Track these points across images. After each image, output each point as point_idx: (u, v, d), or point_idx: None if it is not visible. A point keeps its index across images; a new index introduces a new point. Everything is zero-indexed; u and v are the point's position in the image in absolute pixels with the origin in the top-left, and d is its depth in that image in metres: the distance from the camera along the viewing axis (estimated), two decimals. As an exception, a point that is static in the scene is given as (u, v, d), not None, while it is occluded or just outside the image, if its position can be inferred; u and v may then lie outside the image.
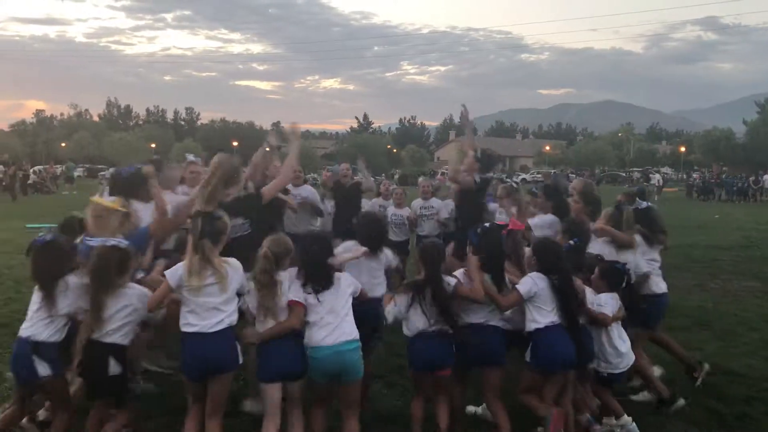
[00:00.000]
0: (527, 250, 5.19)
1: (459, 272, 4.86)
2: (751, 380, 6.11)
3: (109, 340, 4.21)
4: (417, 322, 4.59)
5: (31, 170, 39.60)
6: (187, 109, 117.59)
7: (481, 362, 4.76)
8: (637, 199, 6.89)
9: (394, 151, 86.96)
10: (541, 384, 4.75)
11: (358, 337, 4.39)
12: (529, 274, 4.79)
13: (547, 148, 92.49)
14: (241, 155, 6.49)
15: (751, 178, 40.83)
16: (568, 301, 4.69)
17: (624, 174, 74.05)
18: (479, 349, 4.65)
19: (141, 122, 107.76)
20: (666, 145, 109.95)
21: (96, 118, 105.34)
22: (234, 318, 4.23)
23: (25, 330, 4.31)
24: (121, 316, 4.25)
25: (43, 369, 4.22)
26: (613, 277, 5.11)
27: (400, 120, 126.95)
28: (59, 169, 47.96)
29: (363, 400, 4.82)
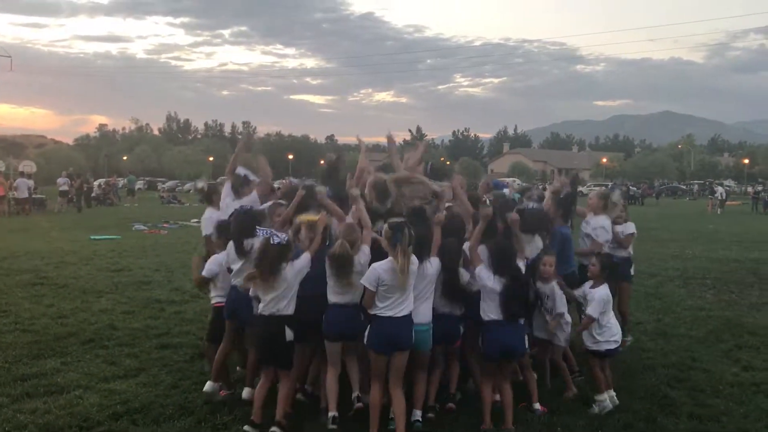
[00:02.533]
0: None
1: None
2: (828, 404, 5.85)
3: (285, 312, 5.02)
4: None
5: (95, 183, 40.86)
6: (243, 123, 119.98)
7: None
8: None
9: (447, 163, 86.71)
10: (494, 371, 5.37)
11: None
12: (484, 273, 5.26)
13: (604, 160, 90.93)
14: (295, 167, 6.75)
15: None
16: (514, 299, 5.18)
17: (684, 186, 72.26)
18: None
19: (199, 136, 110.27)
20: (728, 157, 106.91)
21: (156, 132, 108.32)
22: None
23: None
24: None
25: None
26: (613, 269, 5.96)
27: (454, 132, 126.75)
28: (121, 181, 49.36)
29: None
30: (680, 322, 8.84)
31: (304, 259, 5.12)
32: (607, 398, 5.60)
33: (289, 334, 5.01)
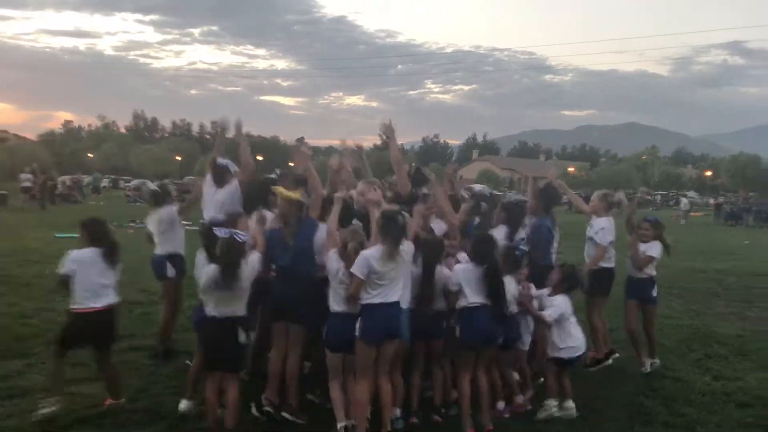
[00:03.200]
0: None
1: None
2: (798, 414, 5.91)
3: (238, 313, 4.89)
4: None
5: (60, 180, 40.09)
6: (212, 122, 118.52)
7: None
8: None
9: (430, 174, 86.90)
10: (472, 361, 5.33)
11: None
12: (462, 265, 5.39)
13: (571, 169, 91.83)
14: (264, 168, 6.73)
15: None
16: (495, 287, 5.24)
17: (649, 197, 73.37)
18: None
19: (167, 135, 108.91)
20: (692, 168, 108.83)
21: (123, 130, 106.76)
22: None
23: None
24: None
25: None
26: (573, 281, 5.79)
27: (424, 138, 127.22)
28: (86, 179, 48.51)
29: None
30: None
31: (255, 258, 5.04)
32: (555, 405, 5.60)
33: (242, 336, 4.92)
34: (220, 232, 4.95)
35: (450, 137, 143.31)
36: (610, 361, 6.94)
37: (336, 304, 5.03)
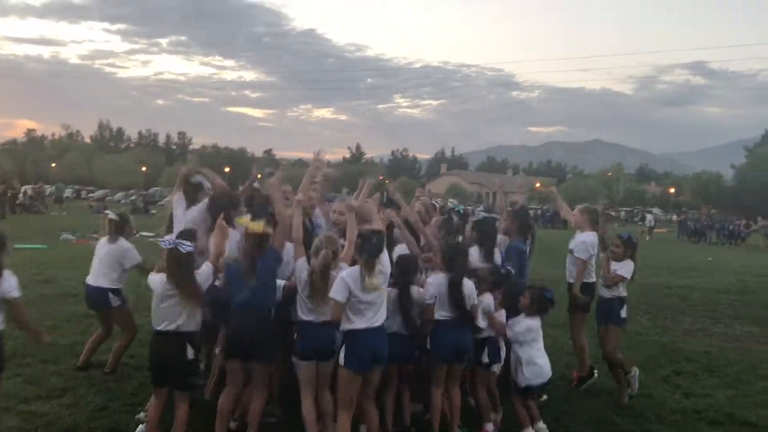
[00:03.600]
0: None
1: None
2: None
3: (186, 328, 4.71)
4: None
5: (21, 190, 39.21)
6: (179, 133, 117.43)
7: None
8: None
9: (387, 182, 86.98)
10: (443, 375, 5.26)
11: None
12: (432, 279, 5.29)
13: (538, 185, 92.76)
14: (231, 180, 6.51)
15: (743, 222, 41.02)
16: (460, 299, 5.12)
17: (613, 213, 74.32)
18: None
19: (132, 145, 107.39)
20: (655, 186, 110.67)
21: (87, 140, 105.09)
22: None
23: None
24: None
25: None
26: (542, 303, 5.61)
27: (393, 152, 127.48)
28: (48, 189, 47.53)
29: None
30: (619, 347, 8.87)
31: (207, 269, 4.85)
32: None
33: (190, 352, 4.74)
34: (164, 243, 4.80)
35: (419, 151, 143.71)
36: (595, 376, 6.87)
37: (303, 313, 4.87)
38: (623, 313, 6.73)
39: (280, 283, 5.11)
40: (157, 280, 4.79)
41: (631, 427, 5.87)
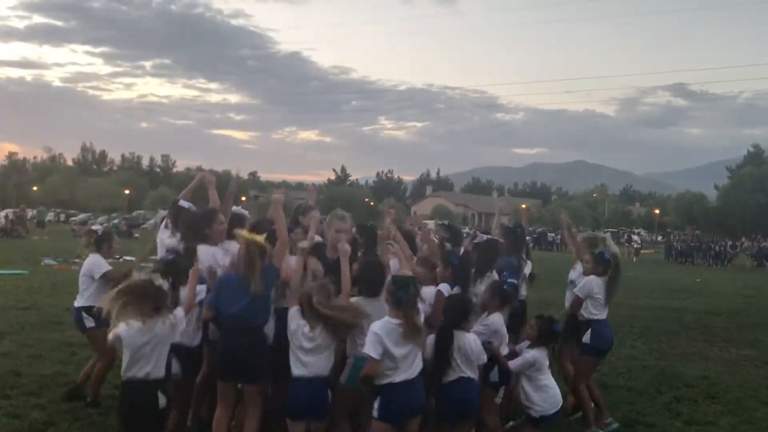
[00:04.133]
0: None
1: None
2: (775, 461, 5.77)
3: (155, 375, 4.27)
4: None
5: (2, 214, 38.67)
6: (162, 156, 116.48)
7: None
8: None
9: (371, 204, 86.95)
10: None
11: None
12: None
13: (524, 206, 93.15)
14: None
15: (729, 243, 41.24)
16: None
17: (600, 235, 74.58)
18: None
19: (116, 168, 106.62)
20: (639, 206, 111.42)
21: (70, 163, 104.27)
22: None
23: None
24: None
25: None
26: (551, 335, 5.37)
27: (378, 173, 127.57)
28: (30, 213, 46.94)
29: None
30: (617, 373, 8.74)
31: (179, 314, 4.51)
32: None
33: (161, 401, 4.33)
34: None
35: (404, 173, 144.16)
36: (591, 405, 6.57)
37: (296, 368, 4.57)
38: (586, 338, 6.20)
39: None
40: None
41: (637, 458, 5.68)
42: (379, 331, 4.33)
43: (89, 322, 6.46)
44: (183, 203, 6.35)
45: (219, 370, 4.88)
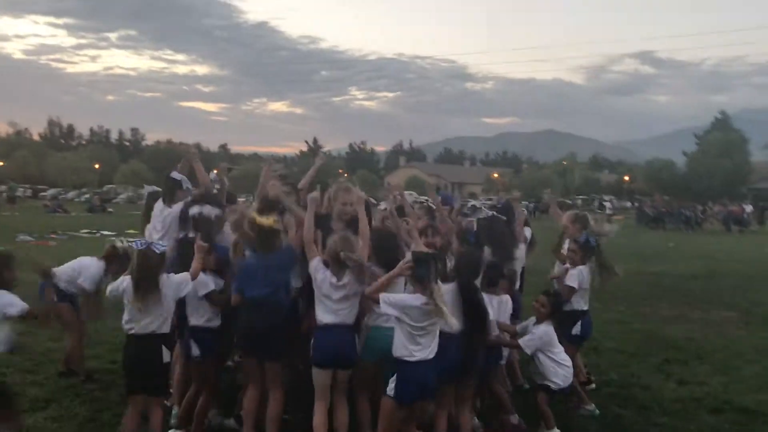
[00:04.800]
0: None
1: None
2: (767, 417, 5.93)
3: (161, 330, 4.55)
4: None
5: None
6: (132, 129, 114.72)
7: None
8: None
9: (345, 175, 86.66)
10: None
11: None
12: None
13: (496, 175, 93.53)
14: (188, 176, 6.29)
15: (700, 208, 41.97)
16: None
17: (569, 201, 75.39)
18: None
19: (84, 142, 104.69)
20: (608, 174, 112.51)
21: (36, 137, 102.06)
22: None
23: None
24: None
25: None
26: (560, 312, 5.56)
27: (350, 145, 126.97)
28: (0, 188, 46.04)
29: None
30: (606, 337, 8.88)
31: (183, 276, 4.66)
32: None
33: (166, 355, 4.59)
34: (137, 244, 4.58)
35: (376, 144, 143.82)
36: (593, 385, 6.57)
37: (323, 315, 4.63)
38: (576, 330, 6.10)
39: None
40: (124, 280, 4.63)
41: (637, 418, 5.81)
42: (409, 299, 4.31)
43: (43, 297, 6.44)
44: (175, 175, 6.27)
45: (244, 348, 4.97)
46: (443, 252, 5.23)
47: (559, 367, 5.36)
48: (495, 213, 6.13)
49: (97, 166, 75.47)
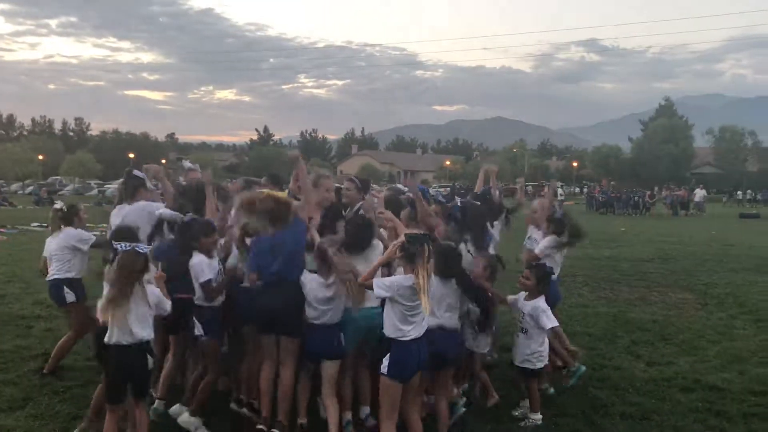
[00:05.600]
0: None
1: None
2: (735, 394, 6.18)
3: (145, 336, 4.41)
4: None
5: None
6: (76, 119, 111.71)
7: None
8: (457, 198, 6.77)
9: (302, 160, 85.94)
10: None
11: None
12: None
13: (448, 163, 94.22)
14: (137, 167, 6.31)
15: (648, 193, 43.12)
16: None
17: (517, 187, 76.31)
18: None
19: (26, 133, 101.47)
20: (556, 160, 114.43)
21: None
22: None
23: None
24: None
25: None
26: (548, 282, 5.69)
27: (302, 133, 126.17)
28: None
29: None
30: (573, 320, 9.09)
31: (159, 293, 4.54)
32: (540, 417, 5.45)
33: (150, 361, 4.52)
34: (121, 246, 4.45)
35: (327, 132, 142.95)
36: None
37: (313, 316, 4.91)
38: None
39: None
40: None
41: (614, 399, 5.99)
42: (400, 280, 4.42)
43: (70, 297, 6.30)
44: (137, 173, 6.28)
45: (260, 324, 5.04)
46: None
47: (545, 348, 5.54)
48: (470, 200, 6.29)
49: (41, 157, 73.27)
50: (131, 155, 71.64)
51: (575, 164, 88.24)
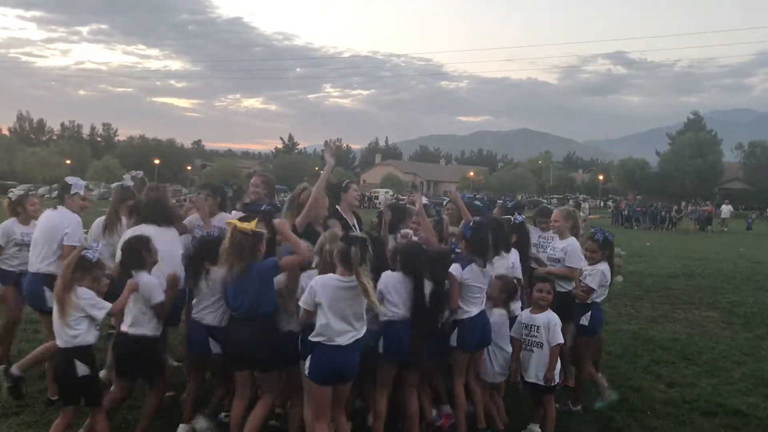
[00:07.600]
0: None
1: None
2: (760, 420, 5.87)
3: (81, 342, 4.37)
4: None
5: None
6: (104, 124, 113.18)
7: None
8: (515, 213, 6.68)
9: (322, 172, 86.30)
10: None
11: None
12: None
13: (471, 173, 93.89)
14: (161, 172, 6.21)
15: (675, 207, 42.43)
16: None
17: (545, 201, 75.78)
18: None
19: (55, 137, 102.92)
20: (582, 173, 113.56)
21: (6, 132, 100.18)
22: None
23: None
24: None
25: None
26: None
27: (326, 142, 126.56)
28: (-33, 184, 44.99)
29: None
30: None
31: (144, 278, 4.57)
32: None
33: (81, 369, 4.33)
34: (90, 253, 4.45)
35: (351, 141, 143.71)
36: None
37: (287, 324, 4.76)
38: (584, 321, 5.91)
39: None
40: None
41: (629, 422, 5.72)
42: (315, 285, 4.29)
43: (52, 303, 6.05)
44: (69, 179, 6.26)
45: (232, 361, 4.80)
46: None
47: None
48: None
49: (68, 161, 74.21)
50: (156, 161, 72.34)
51: (601, 178, 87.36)
